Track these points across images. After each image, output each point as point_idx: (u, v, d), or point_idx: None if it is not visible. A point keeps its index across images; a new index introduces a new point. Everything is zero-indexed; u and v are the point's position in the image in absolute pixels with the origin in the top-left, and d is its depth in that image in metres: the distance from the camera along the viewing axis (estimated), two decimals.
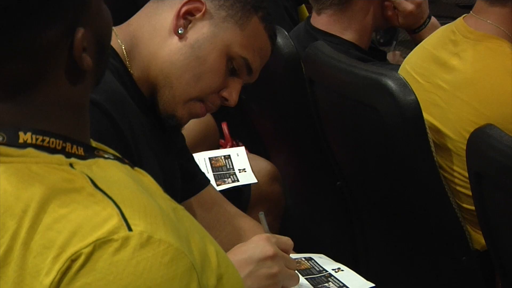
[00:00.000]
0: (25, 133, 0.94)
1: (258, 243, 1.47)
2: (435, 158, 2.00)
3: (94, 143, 1.03)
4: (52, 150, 0.94)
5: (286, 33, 2.38)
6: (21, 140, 0.93)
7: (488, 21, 2.03)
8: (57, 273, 0.86)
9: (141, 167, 1.06)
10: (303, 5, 3.41)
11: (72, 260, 0.86)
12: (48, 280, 0.86)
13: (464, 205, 2.06)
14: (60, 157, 0.94)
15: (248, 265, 1.44)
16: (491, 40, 2.02)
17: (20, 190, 0.91)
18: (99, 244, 0.86)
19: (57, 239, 0.87)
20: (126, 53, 1.56)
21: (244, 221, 1.84)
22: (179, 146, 1.77)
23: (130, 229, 0.88)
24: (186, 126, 1.69)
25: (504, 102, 1.93)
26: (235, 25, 1.57)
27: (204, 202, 1.79)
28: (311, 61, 2.30)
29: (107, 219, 0.88)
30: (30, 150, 0.94)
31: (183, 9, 1.57)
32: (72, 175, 0.93)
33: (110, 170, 0.96)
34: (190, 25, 1.57)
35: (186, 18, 1.57)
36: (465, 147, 1.83)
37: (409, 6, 2.58)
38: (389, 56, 2.99)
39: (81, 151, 0.97)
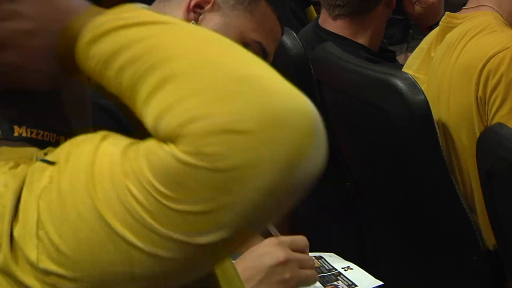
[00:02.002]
0: (20, 126, 0.93)
1: (269, 249, 1.45)
2: (444, 158, 2.00)
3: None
4: (44, 143, 0.94)
5: (295, 34, 2.38)
6: (16, 133, 0.93)
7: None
8: None
9: None
10: (311, 6, 3.41)
11: None
12: None
13: (475, 204, 2.05)
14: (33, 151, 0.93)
15: (260, 272, 1.42)
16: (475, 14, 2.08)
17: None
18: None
19: None
20: None
21: None
22: None
23: None
24: None
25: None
26: (245, 11, 1.58)
27: None
28: (320, 62, 2.29)
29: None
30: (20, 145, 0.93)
31: (192, 3, 1.57)
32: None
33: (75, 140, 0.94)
34: (201, 18, 1.57)
35: (196, 11, 1.57)
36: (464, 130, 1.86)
37: None
38: (401, 59, 2.99)
39: None
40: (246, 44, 1.57)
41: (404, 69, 2.29)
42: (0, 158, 0.90)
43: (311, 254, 1.74)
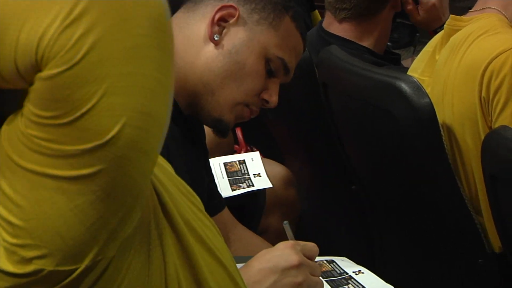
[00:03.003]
0: None
1: (283, 251, 1.45)
2: (449, 160, 2.00)
3: None
4: None
5: None
6: None
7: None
8: None
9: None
10: (316, 10, 3.42)
11: None
12: None
13: (480, 206, 2.05)
14: None
15: (273, 274, 1.42)
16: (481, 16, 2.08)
17: None
18: None
19: None
20: None
21: (254, 239, 1.84)
22: (207, 164, 1.77)
23: None
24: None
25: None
26: (269, 26, 1.59)
27: (217, 224, 1.80)
28: (325, 65, 2.30)
29: None
30: None
31: (217, 16, 1.58)
32: None
33: None
34: (224, 31, 1.58)
35: (220, 24, 1.58)
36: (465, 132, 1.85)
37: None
38: (407, 62, 2.99)
39: None
40: (268, 59, 1.58)
41: (409, 72, 2.29)
42: None
43: (323, 258, 1.74)
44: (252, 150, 2.69)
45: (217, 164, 2.28)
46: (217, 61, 1.57)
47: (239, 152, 2.66)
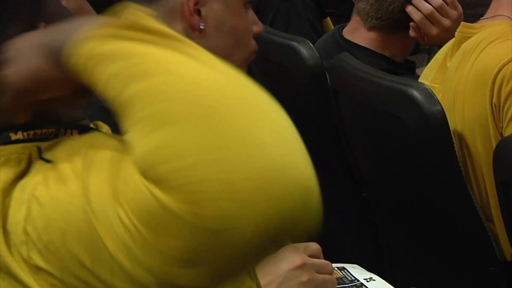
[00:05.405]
0: (15, 133, 0.93)
1: (285, 254, 1.46)
2: (460, 167, 2.00)
3: (92, 124, 1.04)
4: (45, 139, 0.94)
5: (311, 44, 2.38)
6: (13, 139, 0.93)
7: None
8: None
9: None
10: (328, 17, 3.41)
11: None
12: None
13: (491, 213, 2.05)
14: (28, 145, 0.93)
15: (278, 277, 1.44)
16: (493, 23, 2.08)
17: None
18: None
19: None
20: None
21: None
22: None
23: None
24: None
25: None
26: None
27: None
28: (336, 71, 2.30)
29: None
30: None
31: (191, 3, 1.51)
32: (22, 154, 0.91)
33: (77, 140, 0.94)
34: (203, 14, 1.51)
35: (195, 12, 1.51)
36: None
37: (434, 31, 2.51)
38: (421, 71, 2.97)
39: (75, 134, 0.96)
40: (246, 3, 1.56)
41: (421, 79, 2.28)
42: None
43: (334, 265, 1.74)
44: None
45: None
46: (213, 45, 1.52)
47: None
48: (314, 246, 1.51)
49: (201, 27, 1.52)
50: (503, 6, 2.11)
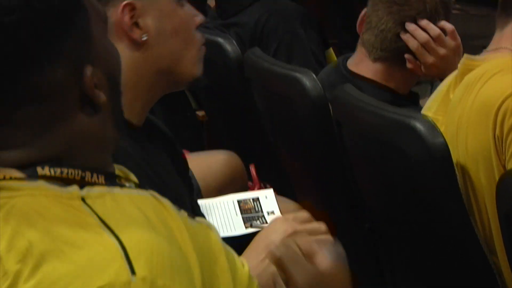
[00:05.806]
0: (43, 168, 0.93)
1: (275, 226, 1.50)
2: (463, 200, 2.00)
3: (117, 170, 1.03)
4: (69, 181, 0.94)
5: (314, 76, 2.38)
6: (39, 174, 0.93)
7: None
8: None
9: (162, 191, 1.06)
10: (331, 48, 3.42)
11: None
12: None
13: (494, 246, 2.04)
14: (72, 191, 0.93)
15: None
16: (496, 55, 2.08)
17: (22, 227, 0.89)
18: None
19: (59, 282, 0.86)
20: None
21: None
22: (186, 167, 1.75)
23: (133, 272, 0.87)
24: (214, 168, 1.67)
25: None
26: None
27: None
28: (339, 103, 2.30)
29: (110, 262, 0.87)
30: (41, 182, 0.93)
31: (126, 18, 1.50)
32: (79, 211, 0.91)
33: (124, 203, 0.95)
34: (141, 25, 1.51)
35: (133, 25, 1.51)
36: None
37: (430, 59, 2.49)
38: (424, 102, 2.97)
39: (102, 180, 0.96)
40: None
41: (423, 111, 2.29)
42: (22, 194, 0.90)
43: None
44: (265, 187, 2.68)
45: (230, 202, 2.28)
46: (161, 53, 1.53)
47: (253, 190, 2.66)
48: (304, 214, 1.55)
49: (144, 38, 1.51)
50: (506, 38, 2.11)
